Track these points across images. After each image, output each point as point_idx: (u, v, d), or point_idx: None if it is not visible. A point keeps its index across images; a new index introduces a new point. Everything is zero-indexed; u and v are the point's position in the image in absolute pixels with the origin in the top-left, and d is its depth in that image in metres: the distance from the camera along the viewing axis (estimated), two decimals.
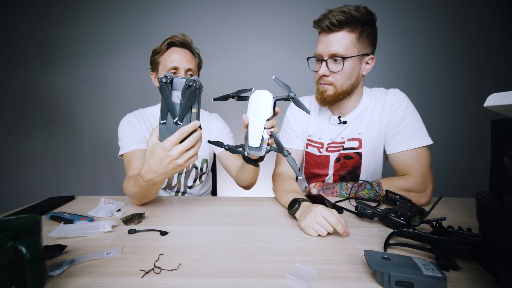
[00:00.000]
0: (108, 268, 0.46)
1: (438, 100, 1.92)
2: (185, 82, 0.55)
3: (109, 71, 2.05)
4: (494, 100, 0.36)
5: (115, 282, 0.42)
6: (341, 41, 0.80)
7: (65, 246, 0.52)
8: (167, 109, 0.57)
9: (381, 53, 1.89)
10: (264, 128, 0.61)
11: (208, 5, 1.96)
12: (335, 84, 0.85)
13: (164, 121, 0.58)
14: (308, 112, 0.59)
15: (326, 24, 0.79)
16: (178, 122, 0.57)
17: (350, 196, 0.86)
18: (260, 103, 0.62)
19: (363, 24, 0.80)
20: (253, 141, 0.62)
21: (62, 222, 0.65)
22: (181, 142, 0.58)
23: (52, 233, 0.58)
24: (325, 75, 0.84)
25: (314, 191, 0.92)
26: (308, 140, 1.01)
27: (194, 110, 0.58)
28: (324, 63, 0.83)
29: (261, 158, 0.72)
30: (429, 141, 0.83)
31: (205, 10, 1.96)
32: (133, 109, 1.06)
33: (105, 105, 2.09)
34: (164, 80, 0.55)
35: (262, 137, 0.62)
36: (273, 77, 0.63)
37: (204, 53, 1.05)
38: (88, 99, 2.10)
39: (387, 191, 0.79)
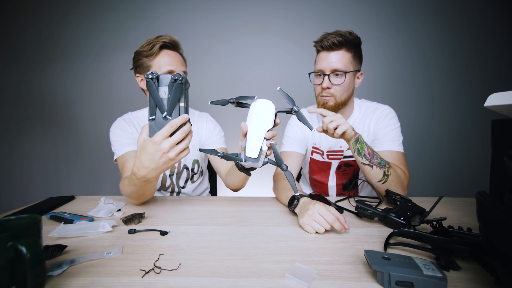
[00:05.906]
0: (108, 268, 0.46)
1: (445, 101, 1.92)
2: (171, 76, 0.55)
3: (110, 70, 2.05)
4: (495, 100, 0.35)
5: (115, 282, 0.42)
6: (341, 58, 0.92)
7: (65, 246, 0.52)
8: (155, 105, 0.57)
9: (389, 54, 1.90)
10: (264, 138, 0.60)
11: (208, 6, 1.96)
12: (335, 95, 0.95)
13: (153, 117, 0.57)
14: (311, 128, 0.61)
15: (328, 44, 0.91)
16: (167, 116, 0.57)
17: (350, 195, 0.87)
18: (262, 113, 0.61)
19: (355, 46, 0.94)
20: (251, 152, 0.60)
21: (62, 222, 0.65)
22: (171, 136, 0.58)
23: (52, 233, 0.58)
24: (327, 88, 0.94)
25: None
26: (313, 147, 1.08)
27: (182, 104, 0.57)
28: (326, 77, 0.93)
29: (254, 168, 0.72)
30: (402, 150, 0.95)
31: (205, 11, 1.96)
32: (135, 109, 1.07)
33: (105, 104, 2.08)
34: (150, 76, 0.55)
35: (261, 148, 0.60)
36: (278, 88, 0.62)
37: (203, 54, 1.05)
38: (88, 98, 2.10)
39: (387, 191, 0.79)
